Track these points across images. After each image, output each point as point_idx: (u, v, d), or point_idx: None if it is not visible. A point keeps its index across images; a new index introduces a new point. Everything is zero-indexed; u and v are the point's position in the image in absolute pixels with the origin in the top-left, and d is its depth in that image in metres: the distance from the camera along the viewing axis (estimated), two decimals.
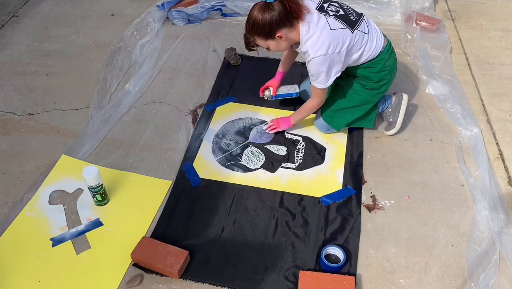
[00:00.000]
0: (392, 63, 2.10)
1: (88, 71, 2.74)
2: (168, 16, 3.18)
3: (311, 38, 1.84)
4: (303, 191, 2.02)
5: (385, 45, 2.05)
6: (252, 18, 1.82)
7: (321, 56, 1.83)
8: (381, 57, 2.03)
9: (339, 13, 1.91)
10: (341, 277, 1.64)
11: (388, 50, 2.07)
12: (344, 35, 1.87)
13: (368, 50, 1.98)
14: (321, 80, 1.93)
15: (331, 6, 1.94)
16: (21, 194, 2.00)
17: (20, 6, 3.35)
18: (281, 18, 1.79)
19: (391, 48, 2.10)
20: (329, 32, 1.84)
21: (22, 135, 2.30)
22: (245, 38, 1.93)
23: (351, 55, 1.95)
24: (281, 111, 2.44)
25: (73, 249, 1.79)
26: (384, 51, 2.04)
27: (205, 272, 1.72)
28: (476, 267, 1.71)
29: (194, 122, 2.38)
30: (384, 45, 2.04)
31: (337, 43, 1.85)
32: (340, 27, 1.87)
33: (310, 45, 1.84)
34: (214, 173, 2.11)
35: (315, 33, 1.83)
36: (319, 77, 1.92)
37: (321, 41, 1.82)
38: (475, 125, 2.31)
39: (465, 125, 2.32)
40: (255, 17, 1.80)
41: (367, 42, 1.97)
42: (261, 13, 1.78)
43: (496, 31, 3.14)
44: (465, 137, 2.28)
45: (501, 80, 2.70)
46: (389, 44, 2.09)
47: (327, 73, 1.90)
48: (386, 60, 2.05)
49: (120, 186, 2.03)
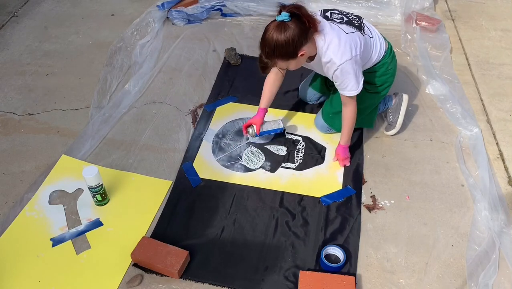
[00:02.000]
0: (394, 66, 2.09)
1: (88, 71, 2.74)
2: (168, 16, 3.18)
3: (330, 46, 1.77)
4: (303, 191, 2.02)
5: (387, 48, 2.04)
6: (273, 40, 1.67)
7: (347, 61, 1.77)
8: (384, 61, 2.02)
9: (343, 20, 1.89)
10: (341, 277, 1.64)
11: (390, 53, 2.06)
12: (359, 38, 1.84)
13: (374, 54, 1.97)
14: (352, 87, 1.85)
15: (335, 15, 1.91)
16: (21, 194, 2.00)
17: (20, 6, 3.35)
18: (301, 34, 1.68)
19: (392, 51, 2.09)
20: (346, 36, 1.80)
21: (22, 135, 2.30)
22: (262, 64, 1.80)
23: (363, 59, 1.92)
24: (281, 111, 2.44)
25: (73, 249, 1.79)
26: (387, 55, 2.03)
27: (205, 272, 1.72)
28: (476, 267, 1.71)
29: (194, 122, 2.38)
30: (386, 49, 2.04)
31: (356, 45, 1.81)
32: (352, 30, 1.84)
33: (333, 53, 1.77)
34: (214, 173, 2.11)
35: (333, 40, 1.77)
36: (349, 83, 1.84)
37: (343, 46, 1.77)
38: (475, 125, 2.31)
39: (465, 125, 2.32)
40: (276, 39, 1.66)
41: (373, 45, 1.96)
42: (281, 34, 1.65)
43: (496, 31, 3.14)
44: (465, 138, 2.28)
45: (501, 80, 2.70)
46: (390, 47, 2.08)
47: (356, 76, 1.83)
48: (388, 64, 2.04)
49: (120, 186, 2.03)
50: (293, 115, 2.42)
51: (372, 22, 3.14)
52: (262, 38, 1.72)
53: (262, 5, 3.23)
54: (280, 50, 1.69)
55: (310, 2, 3.26)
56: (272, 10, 3.21)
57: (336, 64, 1.78)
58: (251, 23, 3.18)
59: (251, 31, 3.11)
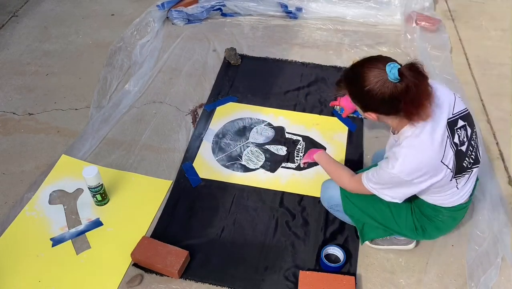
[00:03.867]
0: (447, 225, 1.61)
1: (88, 71, 2.74)
2: (168, 16, 3.18)
3: (406, 148, 1.34)
4: (303, 191, 2.02)
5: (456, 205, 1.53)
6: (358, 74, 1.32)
7: (395, 175, 1.36)
8: (438, 208, 1.54)
9: (462, 146, 1.40)
10: (341, 277, 1.64)
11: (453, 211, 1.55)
12: (441, 177, 1.37)
13: (440, 198, 1.50)
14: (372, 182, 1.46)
15: (463, 131, 1.40)
16: (21, 194, 2.00)
17: (20, 6, 3.35)
18: (384, 106, 1.32)
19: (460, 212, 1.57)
20: (436, 162, 1.34)
21: (22, 135, 2.30)
22: (339, 80, 1.43)
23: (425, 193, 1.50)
24: (281, 111, 2.44)
25: (73, 249, 1.79)
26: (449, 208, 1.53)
27: (205, 272, 1.72)
28: (476, 267, 1.71)
29: (194, 122, 2.38)
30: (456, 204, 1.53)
31: (425, 177, 1.36)
32: (449, 166, 1.37)
33: (401, 156, 1.34)
34: (214, 173, 2.11)
35: (422, 150, 1.33)
36: (374, 178, 1.45)
37: (417, 163, 1.34)
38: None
39: None
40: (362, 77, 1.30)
41: (449, 194, 1.48)
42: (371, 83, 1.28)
43: (496, 31, 3.14)
44: None
45: (501, 80, 2.70)
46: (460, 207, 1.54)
47: (384, 185, 1.44)
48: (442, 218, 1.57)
49: (120, 186, 2.03)
50: (293, 115, 2.42)
51: (372, 22, 3.17)
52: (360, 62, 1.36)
53: (262, 5, 3.23)
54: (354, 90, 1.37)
55: (310, 2, 3.26)
56: (272, 10, 3.22)
57: (389, 164, 1.37)
58: (251, 23, 3.18)
59: (251, 31, 3.11)
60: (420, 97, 1.28)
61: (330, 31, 3.11)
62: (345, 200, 1.64)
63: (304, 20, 3.21)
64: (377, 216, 1.62)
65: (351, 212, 1.65)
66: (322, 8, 3.24)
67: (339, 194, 1.65)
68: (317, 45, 2.97)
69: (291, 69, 2.76)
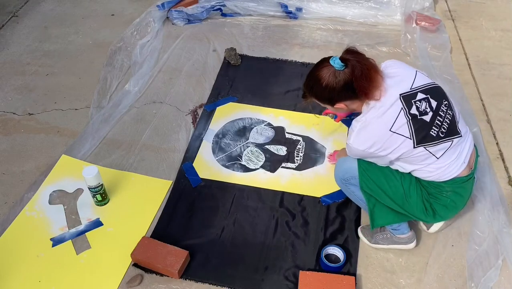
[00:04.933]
0: (454, 198, 1.62)
1: (88, 71, 2.74)
2: (168, 16, 3.18)
3: (360, 123, 1.52)
4: (303, 191, 2.02)
5: (456, 177, 1.58)
6: (313, 79, 1.56)
7: (357, 149, 1.54)
8: (439, 184, 1.60)
9: (424, 116, 1.50)
10: (341, 277, 1.64)
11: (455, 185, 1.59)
12: (398, 145, 1.50)
13: (424, 172, 1.58)
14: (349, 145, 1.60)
15: (424, 103, 1.51)
16: (21, 194, 2.00)
17: (20, 6, 3.35)
18: (343, 92, 1.51)
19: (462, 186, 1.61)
20: (384, 132, 1.49)
21: (22, 135, 2.30)
22: (303, 92, 1.68)
23: (398, 163, 1.60)
24: (281, 111, 2.44)
25: (73, 249, 1.79)
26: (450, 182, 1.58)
27: (205, 272, 1.72)
28: (476, 268, 1.71)
29: (194, 122, 2.38)
30: (456, 177, 1.58)
31: (384, 148, 1.51)
32: (403, 134, 1.48)
33: (356, 130, 1.53)
34: (214, 173, 2.11)
35: (370, 123, 1.50)
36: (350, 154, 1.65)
37: (366, 135, 1.51)
38: (474, 125, 2.31)
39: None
40: (316, 80, 1.53)
41: (429, 165, 1.56)
42: (324, 80, 1.51)
43: (496, 31, 3.14)
44: None
45: (501, 80, 2.70)
46: (461, 180, 1.59)
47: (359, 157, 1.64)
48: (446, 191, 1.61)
49: (120, 186, 2.03)
50: (293, 115, 2.42)
51: (372, 22, 3.17)
52: (311, 70, 1.59)
53: (262, 5, 3.23)
54: (316, 91, 1.58)
55: (310, 2, 3.26)
56: (272, 10, 3.22)
57: (349, 140, 1.57)
58: (251, 23, 3.18)
59: (251, 31, 3.11)
60: (368, 70, 1.46)
61: (330, 31, 3.11)
62: (362, 173, 1.66)
63: (304, 20, 3.21)
64: (390, 193, 1.63)
65: (366, 186, 1.66)
66: (322, 8, 3.25)
67: (356, 166, 1.67)
68: (317, 45, 2.97)
69: (291, 69, 2.76)
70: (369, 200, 1.69)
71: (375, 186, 1.65)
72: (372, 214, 1.70)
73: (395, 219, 1.71)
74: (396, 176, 1.62)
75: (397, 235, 1.76)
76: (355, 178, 1.68)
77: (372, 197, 1.68)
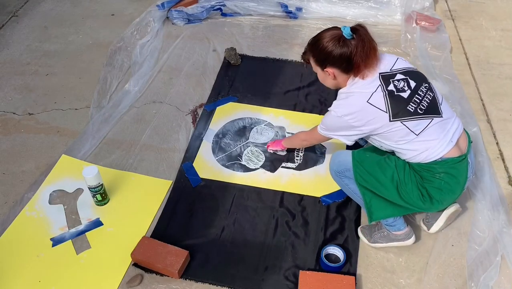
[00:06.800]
0: (448, 180, 1.59)
1: (88, 71, 2.74)
2: (168, 16, 3.18)
3: (344, 94, 1.62)
4: (303, 191, 2.02)
5: (447, 158, 1.57)
6: (318, 37, 1.62)
7: (335, 115, 1.61)
8: (430, 166, 1.59)
9: (401, 92, 1.56)
10: (341, 277, 1.64)
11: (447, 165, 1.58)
12: (375, 117, 1.55)
13: (409, 151, 1.60)
14: (323, 129, 1.73)
15: (402, 82, 1.58)
16: (21, 194, 2.00)
17: (20, 6, 3.35)
18: (339, 58, 1.56)
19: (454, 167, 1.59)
20: (362, 103, 1.56)
21: (22, 135, 2.30)
22: (304, 48, 1.72)
23: (375, 139, 1.66)
24: (281, 111, 2.44)
25: (73, 249, 1.79)
26: (441, 163, 1.57)
27: (205, 272, 1.72)
28: (476, 267, 1.71)
29: (194, 122, 2.38)
30: (445, 157, 1.57)
31: (360, 118, 1.57)
32: (379, 107, 1.54)
33: (339, 98, 1.64)
34: (214, 172, 2.11)
35: (352, 95, 1.59)
36: (324, 124, 1.72)
37: (346, 104, 1.60)
38: (474, 124, 2.31)
39: (465, 124, 2.31)
40: (321, 38, 1.60)
41: (410, 142, 1.57)
42: (329, 40, 1.57)
43: (496, 31, 3.14)
44: None
45: (501, 80, 2.70)
46: (452, 161, 1.58)
47: (332, 129, 1.69)
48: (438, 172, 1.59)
49: (120, 186, 2.03)
50: (293, 115, 2.42)
51: (372, 22, 3.17)
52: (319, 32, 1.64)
53: (262, 5, 3.23)
54: (315, 49, 1.63)
55: (310, 2, 3.26)
56: (272, 10, 3.22)
57: (330, 108, 1.66)
58: (251, 23, 3.18)
59: (251, 31, 3.11)
60: (370, 49, 1.54)
61: None
62: (356, 164, 1.69)
63: (304, 20, 3.21)
64: (386, 182, 1.64)
65: (361, 178, 1.67)
66: (322, 8, 3.25)
67: (350, 159, 1.70)
68: None
69: (291, 69, 2.76)
70: (365, 193, 1.70)
71: (370, 177, 1.66)
72: (370, 208, 1.71)
73: (393, 212, 1.70)
74: (390, 164, 1.65)
75: (393, 231, 1.76)
76: (349, 170, 1.70)
77: (367, 190, 1.68)
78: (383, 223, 1.76)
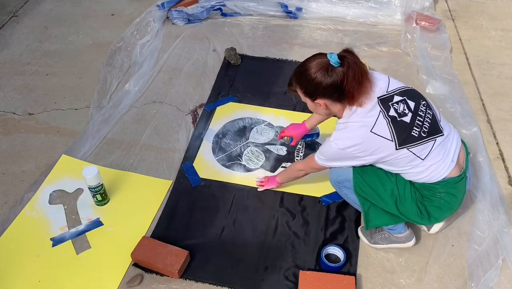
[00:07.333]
0: (448, 199, 1.60)
1: (88, 71, 2.74)
2: (168, 16, 3.18)
3: (343, 124, 1.54)
4: (303, 191, 2.02)
5: (447, 178, 1.57)
6: (304, 67, 1.51)
7: (337, 147, 1.54)
8: (432, 186, 1.59)
9: (403, 117, 1.51)
10: (341, 277, 1.64)
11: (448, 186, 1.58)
12: (380, 147, 1.50)
13: (412, 174, 1.58)
14: (322, 159, 1.64)
15: (401, 104, 1.52)
16: (21, 194, 2.00)
17: (20, 6, 3.35)
18: (330, 89, 1.47)
19: (455, 186, 1.59)
20: (365, 133, 1.49)
21: (22, 135, 2.30)
22: (290, 79, 1.62)
23: (383, 166, 1.61)
24: (281, 111, 2.44)
25: (73, 249, 1.79)
26: (442, 183, 1.57)
27: (205, 272, 1.72)
28: (476, 267, 1.71)
29: (194, 122, 2.38)
30: (447, 177, 1.57)
31: (364, 149, 1.51)
32: (384, 135, 1.49)
33: (339, 129, 1.56)
34: (214, 172, 2.11)
35: (352, 125, 1.51)
36: (323, 155, 1.63)
37: (348, 135, 1.52)
38: (474, 124, 2.31)
39: (465, 125, 2.32)
40: (307, 68, 1.49)
41: (415, 167, 1.55)
42: (316, 71, 1.47)
43: (496, 31, 3.14)
44: (465, 137, 2.28)
45: (501, 80, 2.70)
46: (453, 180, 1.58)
47: (333, 160, 1.62)
48: (440, 192, 1.59)
49: (120, 186, 2.03)
50: (293, 115, 2.42)
51: (372, 22, 3.17)
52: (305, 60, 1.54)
53: (262, 5, 3.23)
54: (303, 80, 1.52)
55: (310, 2, 3.26)
56: (272, 10, 3.22)
57: (330, 138, 1.57)
58: (251, 23, 3.18)
59: (251, 31, 3.11)
60: (361, 74, 1.45)
61: (330, 31, 3.11)
62: (356, 175, 1.66)
63: (304, 20, 3.21)
64: (385, 196, 1.63)
65: (360, 189, 1.66)
66: (322, 8, 3.25)
67: (350, 170, 1.67)
68: (317, 45, 2.97)
69: (291, 69, 2.72)
70: (364, 203, 1.69)
71: (370, 189, 1.64)
72: (367, 216, 1.71)
73: (390, 221, 1.71)
74: (391, 178, 1.62)
75: (395, 234, 1.76)
76: (349, 180, 1.68)
77: (366, 200, 1.68)
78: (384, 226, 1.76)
